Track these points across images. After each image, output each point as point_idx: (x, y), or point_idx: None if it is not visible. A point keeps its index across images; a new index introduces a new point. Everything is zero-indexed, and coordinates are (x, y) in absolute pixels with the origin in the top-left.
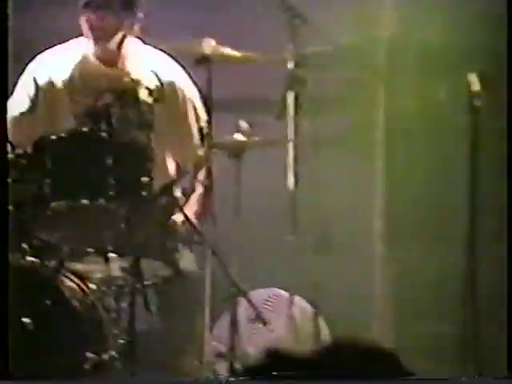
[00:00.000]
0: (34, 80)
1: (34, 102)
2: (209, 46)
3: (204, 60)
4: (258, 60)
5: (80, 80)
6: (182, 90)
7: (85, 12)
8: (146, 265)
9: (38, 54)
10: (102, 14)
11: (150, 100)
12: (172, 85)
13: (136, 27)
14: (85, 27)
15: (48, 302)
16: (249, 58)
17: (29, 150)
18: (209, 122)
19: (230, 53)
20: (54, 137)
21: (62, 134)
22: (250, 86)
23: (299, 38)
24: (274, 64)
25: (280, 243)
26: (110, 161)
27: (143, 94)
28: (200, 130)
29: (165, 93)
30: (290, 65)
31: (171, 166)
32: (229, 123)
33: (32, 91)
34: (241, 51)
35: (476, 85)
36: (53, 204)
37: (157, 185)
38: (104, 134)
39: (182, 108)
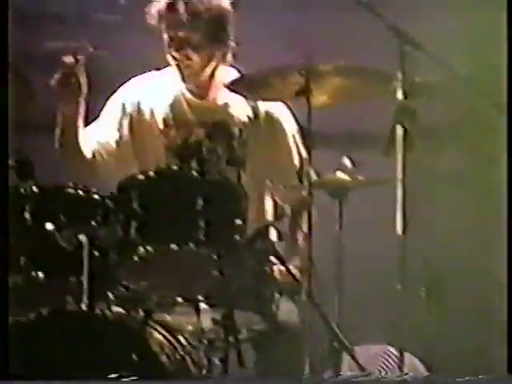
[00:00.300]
0: (123, 107)
1: (121, 131)
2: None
3: (304, 91)
4: (362, 89)
5: (170, 112)
6: (280, 123)
7: (170, 50)
8: (240, 317)
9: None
10: (188, 53)
11: (244, 134)
12: (268, 117)
13: (229, 56)
14: (172, 63)
15: (135, 356)
16: (353, 88)
17: (114, 190)
18: (309, 158)
19: (332, 82)
20: (141, 176)
21: (150, 174)
22: (354, 119)
23: (410, 66)
24: (381, 94)
25: (388, 293)
26: (200, 202)
27: (237, 128)
28: (299, 167)
29: (260, 126)
30: (399, 95)
31: (267, 207)
32: (330, 160)
33: (119, 119)
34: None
35: None
36: (140, 249)
37: (252, 227)
38: (195, 173)
39: (279, 143)
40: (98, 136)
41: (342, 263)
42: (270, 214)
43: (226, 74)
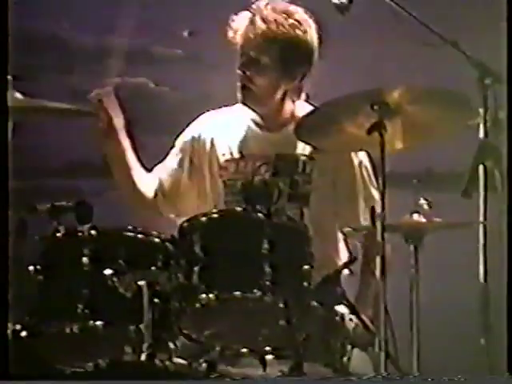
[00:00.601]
0: (190, 145)
1: (185, 169)
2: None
3: (378, 126)
4: (440, 126)
5: (238, 149)
6: (352, 159)
7: (239, 68)
8: (310, 369)
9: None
10: (253, 74)
11: (316, 170)
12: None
13: (303, 90)
14: (238, 84)
15: None
16: (429, 124)
17: (175, 233)
18: (382, 198)
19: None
20: (203, 218)
21: (213, 215)
22: (432, 157)
23: (492, 100)
24: (460, 131)
25: (470, 347)
26: (266, 245)
27: (305, 163)
28: (372, 208)
29: (329, 162)
30: (481, 132)
31: (338, 250)
32: (406, 201)
33: (184, 157)
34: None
35: None
36: (202, 296)
37: (321, 273)
38: (260, 215)
39: (350, 180)
40: (162, 174)
41: (418, 312)
42: (340, 257)
43: (298, 107)
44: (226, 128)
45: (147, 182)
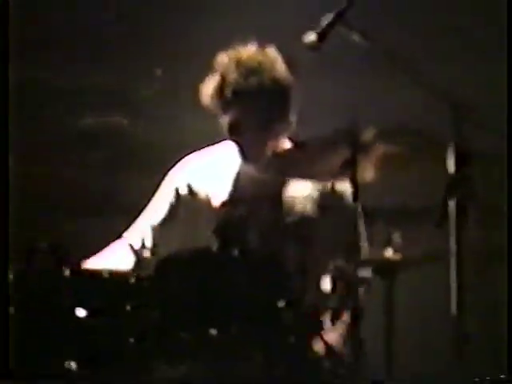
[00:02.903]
0: (176, 190)
1: (174, 213)
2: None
3: (351, 162)
4: (412, 158)
5: (228, 190)
6: (348, 199)
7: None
8: None
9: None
10: (244, 136)
11: (312, 210)
12: (333, 191)
13: (289, 128)
14: (231, 144)
15: None
16: (403, 155)
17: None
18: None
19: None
20: (178, 257)
21: (188, 254)
22: (404, 191)
23: (463, 132)
24: (432, 162)
25: (445, 379)
26: (242, 283)
27: (302, 203)
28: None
29: (328, 201)
30: (451, 167)
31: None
32: (378, 236)
33: (172, 202)
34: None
35: None
36: (179, 335)
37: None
38: (236, 253)
39: (344, 221)
40: (151, 220)
41: (392, 349)
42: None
43: (285, 145)
44: (212, 171)
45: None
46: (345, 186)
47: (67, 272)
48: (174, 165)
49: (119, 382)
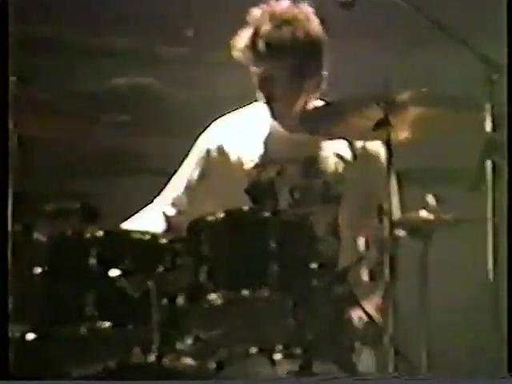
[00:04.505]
0: (208, 151)
1: (205, 175)
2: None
3: (384, 123)
4: (448, 120)
5: (260, 150)
6: (378, 157)
7: (257, 87)
8: (319, 368)
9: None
10: (275, 90)
11: (340, 169)
12: (366, 151)
13: (322, 85)
14: (261, 101)
15: None
16: (438, 117)
17: (183, 234)
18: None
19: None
20: (210, 218)
21: (220, 215)
22: (438, 153)
23: (498, 95)
24: (467, 125)
25: (482, 342)
26: (273, 244)
27: (332, 163)
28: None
29: (358, 161)
30: (488, 127)
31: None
32: (414, 198)
33: (204, 163)
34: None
35: None
36: (210, 296)
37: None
38: (267, 213)
39: (374, 180)
40: (183, 179)
41: (427, 311)
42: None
43: (315, 103)
44: (243, 133)
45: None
46: (377, 146)
47: (100, 233)
48: (205, 126)
49: (150, 343)
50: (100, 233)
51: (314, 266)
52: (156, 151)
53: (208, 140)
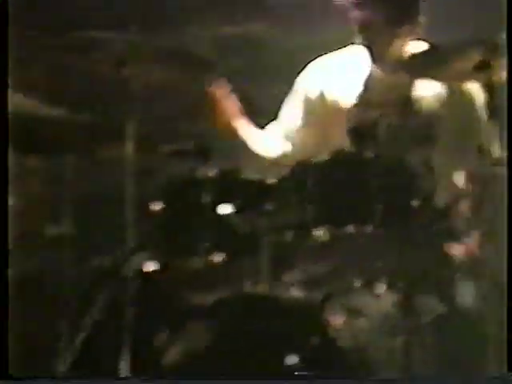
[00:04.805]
0: (307, 94)
1: (305, 115)
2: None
3: (485, 65)
4: None
5: (359, 92)
6: (479, 100)
7: (355, 31)
8: (421, 300)
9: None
10: (373, 34)
11: (437, 110)
12: (462, 91)
13: (418, 30)
14: (360, 45)
15: (314, 341)
16: None
17: (288, 174)
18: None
19: None
20: (315, 160)
21: (325, 157)
22: None
23: None
24: None
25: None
26: (376, 183)
27: (432, 104)
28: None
29: (453, 103)
30: None
31: (454, 186)
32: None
33: (304, 106)
34: None
35: None
36: (315, 232)
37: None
38: (370, 155)
39: (471, 121)
40: (284, 124)
41: None
42: (454, 193)
43: (413, 47)
44: (342, 74)
45: (271, 145)
46: (475, 88)
47: (213, 172)
48: (303, 69)
49: (260, 275)
50: (213, 171)
51: (415, 203)
52: (260, 95)
53: (306, 81)
